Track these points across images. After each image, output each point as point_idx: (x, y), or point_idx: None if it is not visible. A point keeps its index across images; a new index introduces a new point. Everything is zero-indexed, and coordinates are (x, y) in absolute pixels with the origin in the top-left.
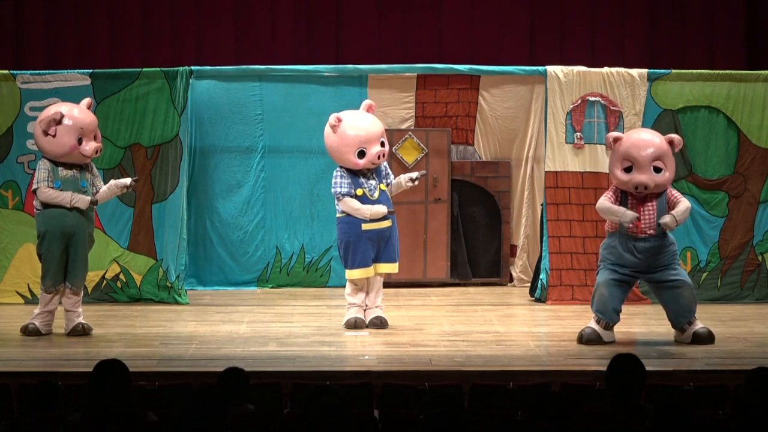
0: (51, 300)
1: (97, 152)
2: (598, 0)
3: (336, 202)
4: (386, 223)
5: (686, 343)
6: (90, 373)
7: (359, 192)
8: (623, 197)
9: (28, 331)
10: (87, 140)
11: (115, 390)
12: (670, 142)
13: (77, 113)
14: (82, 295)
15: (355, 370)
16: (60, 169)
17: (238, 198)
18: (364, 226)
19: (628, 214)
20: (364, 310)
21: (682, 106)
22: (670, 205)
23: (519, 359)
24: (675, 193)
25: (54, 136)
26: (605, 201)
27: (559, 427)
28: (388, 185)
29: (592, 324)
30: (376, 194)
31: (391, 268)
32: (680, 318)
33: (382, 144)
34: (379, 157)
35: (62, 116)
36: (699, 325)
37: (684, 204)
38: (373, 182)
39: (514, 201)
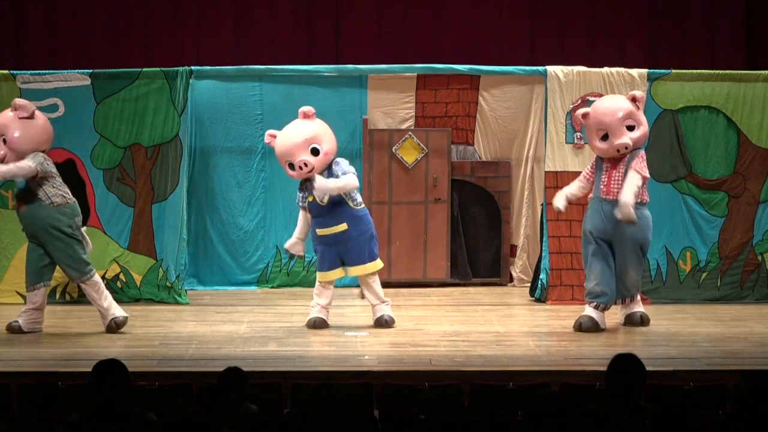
0: (33, 298)
1: None
2: (598, 0)
3: None
4: (339, 228)
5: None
6: (90, 373)
7: (310, 199)
8: (599, 163)
9: (11, 329)
10: None
11: (115, 390)
12: (633, 99)
13: None
14: (102, 287)
15: (355, 370)
16: None
17: (238, 198)
18: (318, 232)
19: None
20: (373, 306)
21: (682, 106)
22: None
23: (519, 359)
24: (633, 163)
25: None
26: (577, 181)
27: (559, 427)
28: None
29: (589, 311)
30: (305, 205)
31: (362, 270)
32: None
33: (313, 150)
34: (300, 167)
35: None
36: (637, 309)
37: (628, 179)
38: (304, 193)
39: (514, 201)
